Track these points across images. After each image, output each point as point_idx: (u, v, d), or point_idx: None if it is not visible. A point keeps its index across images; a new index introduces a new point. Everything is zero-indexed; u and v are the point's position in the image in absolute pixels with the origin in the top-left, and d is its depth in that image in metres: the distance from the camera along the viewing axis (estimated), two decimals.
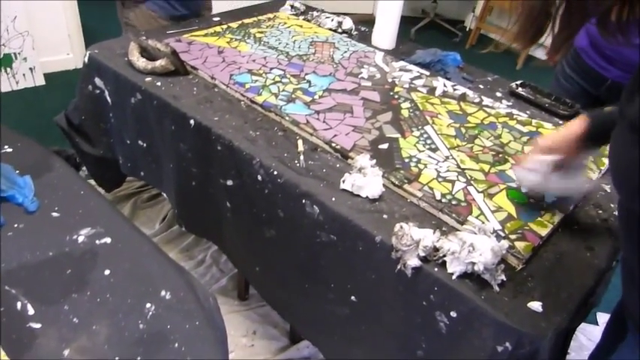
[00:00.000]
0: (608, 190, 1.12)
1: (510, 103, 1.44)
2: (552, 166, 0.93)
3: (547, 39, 0.69)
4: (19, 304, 0.75)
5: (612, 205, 1.07)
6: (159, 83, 1.36)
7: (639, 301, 0.78)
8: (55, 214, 0.91)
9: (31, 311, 0.74)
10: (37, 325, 0.73)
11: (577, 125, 0.91)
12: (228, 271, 1.81)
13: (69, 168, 1.04)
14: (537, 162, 0.94)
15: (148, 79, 1.37)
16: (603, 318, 1.81)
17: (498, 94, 1.49)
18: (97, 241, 0.87)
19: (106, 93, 1.49)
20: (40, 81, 2.90)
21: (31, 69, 2.84)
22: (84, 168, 1.81)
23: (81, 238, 0.87)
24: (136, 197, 2.08)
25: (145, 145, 1.44)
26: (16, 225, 0.89)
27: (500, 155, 1.18)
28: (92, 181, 1.79)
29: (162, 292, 0.79)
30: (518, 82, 1.51)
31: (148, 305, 0.77)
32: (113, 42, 1.58)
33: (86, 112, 1.56)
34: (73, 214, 0.92)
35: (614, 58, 1.43)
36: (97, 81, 1.49)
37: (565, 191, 0.99)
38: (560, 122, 1.37)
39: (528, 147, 1.22)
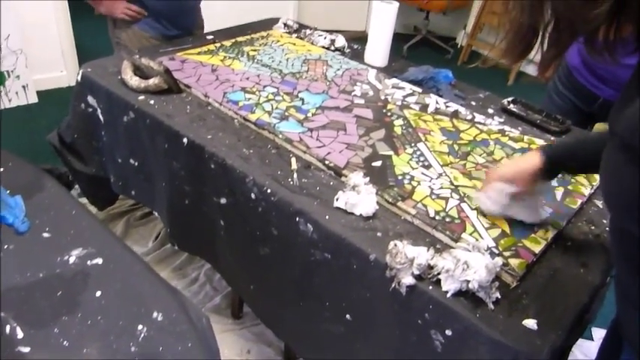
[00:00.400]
0: (600, 206, 1.12)
1: (502, 120, 1.45)
2: (509, 195, 0.98)
3: (537, 55, 0.70)
4: (7, 328, 0.74)
5: (604, 221, 1.07)
6: (152, 101, 1.36)
7: (634, 319, 0.77)
8: (46, 235, 0.91)
9: (20, 334, 0.73)
10: (26, 349, 0.71)
11: (533, 160, 0.95)
12: (222, 290, 1.80)
13: (60, 187, 1.03)
14: (495, 190, 0.99)
15: (141, 97, 1.37)
16: (599, 333, 1.80)
17: (490, 111, 1.50)
18: (89, 262, 0.86)
19: (99, 111, 1.49)
20: (33, 99, 2.89)
21: (24, 87, 2.84)
22: (76, 186, 1.80)
23: (72, 259, 0.86)
24: (128, 215, 2.07)
25: (136, 163, 1.44)
26: (6, 246, 0.88)
27: None
28: (84, 200, 1.78)
29: (155, 314, 0.78)
30: (510, 99, 1.52)
31: (140, 327, 0.76)
32: (106, 60, 1.58)
33: (78, 131, 1.56)
34: (64, 234, 0.91)
35: (606, 77, 1.45)
36: (90, 99, 1.49)
37: (522, 218, 1.02)
38: (552, 138, 1.38)
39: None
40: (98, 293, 0.80)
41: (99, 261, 0.86)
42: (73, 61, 3.08)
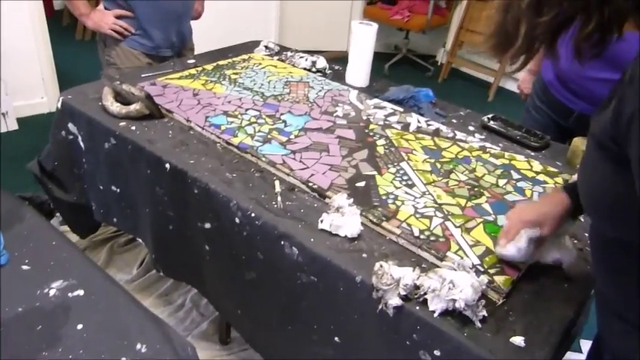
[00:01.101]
0: (582, 220, 1.13)
1: (483, 137, 1.47)
2: (533, 240, 0.92)
3: (519, 73, 0.74)
4: None
5: (587, 235, 1.08)
6: (133, 127, 1.35)
7: (618, 330, 0.78)
8: (25, 267, 0.89)
9: None
10: None
11: (560, 202, 0.91)
12: (209, 315, 1.77)
13: (40, 217, 1.02)
14: (522, 239, 0.92)
15: (123, 123, 1.37)
16: (587, 345, 1.81)
17: (471, 128, 1.52)
18: (70, 294, 0.84)
19: (80, 138, 1.47)
20: (13, 126, 2.86)
21: (3, 114, 2.80)
22: (57, 214, 1.77)
23: (52, 292, 0.84)
24: (112, 242, 2.04)
25: (118, 190, 1.42)
26: None
27: (476, 189, 1.19)
28: (66, 227, 1.75)
29: (138, 346, 0.77)
30: (490, 116, 1.55)
31: None
32: (86, 87, 1.57)
33: (59, 158, 1.54)
34: (44, 266, 0.89)
35: (578, 91, 1.48)
36: (71, 126, 1.48)
37: (552, 260, 0.97)
38: (532, 154, 1.40)
39: (502, 180, 1.24)
40: (80, 326, 0.79)
41: (80, 292, 0.85)
42: (53, 87, 3.06)
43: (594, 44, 0.67)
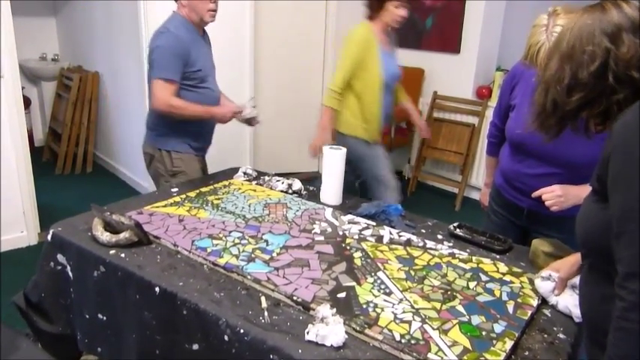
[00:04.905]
0: (549, 315, 1.22)
1: (451, 244, 1.58)
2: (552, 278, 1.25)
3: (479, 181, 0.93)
4: None
5: (555, 329, 1.16)
6: (123, 255, 1.42)
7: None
8: None
9: None
10: None
11: (574, 256, 1.24)
12: None
13: (36, 347, 1.04)
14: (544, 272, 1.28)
15: (112, 251, 1.44)
16: None
17: (439, 237, 1.64)
18: None
19: (68, 268, 1.52)
20: None
21: None
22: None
23: None
24: None
25: (105, 318, 1.45)
26: None
27: (449, 292, 1.28)
28: None
29: None
30: (456, 224, 1.68)
31: None
32: (76, 219, 1.65)
33: (46, 289, 1.57)
34: None
35: (523, 189, 1.64)
36: (60, 257, 1.54)
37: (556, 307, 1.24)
38: (497, 257, 1.51)
39: (473, 282, 1.33)
40: None
41: None
42: (33, 221, 3.11)
43: (598, 123, 0.93)
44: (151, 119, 2.19)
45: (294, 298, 1.22)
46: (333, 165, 1.85)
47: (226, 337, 1.15)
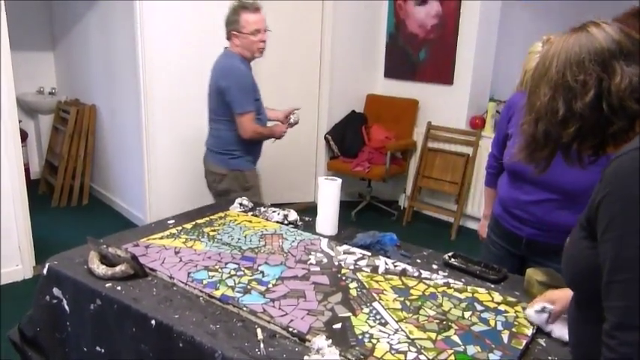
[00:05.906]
0: (544, 344, 1.22)
1: (446, 274, 1.59)
2: (547, 310, 1.24)
3: (476, 211, 0.94)
4: None
5: (550, 358, 1.17)
6: (119, 287, 1.43)
7: None
8: None
9: None
10: None
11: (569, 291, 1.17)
12: None
13: None
14: (536, 304, 1.27)
15: (108, 284, 1.44)
16: None
17: (434, 266, 1.65)
18: None
19: (64, 302, 1.52)
20: None
21: None
22: None
23: None
24: None
25: (102, 350, 1.44)
26: None
27: (444, 322, 1.28)
28: None
29: None
30: (450, 254, 1.69)
31: None
32: (72, 252, 1.66)
33: (42, 323, 1.57)
34: None
35: (522, 217, 1.66)
36: (56, 291, 1.54)
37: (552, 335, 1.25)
38: (492, 286, 1.52)
39: (468, 312, 1.34)
40: None
41: None
42: (29, 255, 3.10)
43: (591, 154, 0.93)
44: (221, 144, 2.59)
45: (290, 329, 1.23)
46: (328, 195, 1.87)
47: None
